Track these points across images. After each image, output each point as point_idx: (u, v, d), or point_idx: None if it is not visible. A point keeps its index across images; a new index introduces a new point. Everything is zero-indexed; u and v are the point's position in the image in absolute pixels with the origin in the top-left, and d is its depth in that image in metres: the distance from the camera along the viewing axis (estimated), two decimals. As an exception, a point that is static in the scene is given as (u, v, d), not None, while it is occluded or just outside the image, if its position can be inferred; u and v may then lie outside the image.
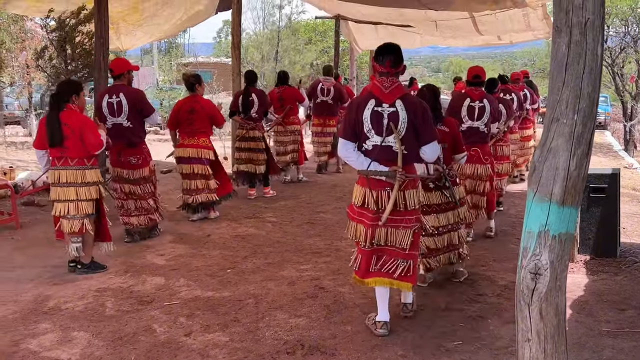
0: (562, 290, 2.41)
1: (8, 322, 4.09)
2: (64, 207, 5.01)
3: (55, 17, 8.73)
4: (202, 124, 6.75)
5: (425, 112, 3.80)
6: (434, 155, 3.93)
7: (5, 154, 11.32)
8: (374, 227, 3.82)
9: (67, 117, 4.92)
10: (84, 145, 4.97)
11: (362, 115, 3.81)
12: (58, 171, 5.02)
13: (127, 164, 5.95)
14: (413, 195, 3.85)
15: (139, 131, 6.01)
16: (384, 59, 3.78)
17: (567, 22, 2.27)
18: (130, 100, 5.87)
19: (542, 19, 11.37)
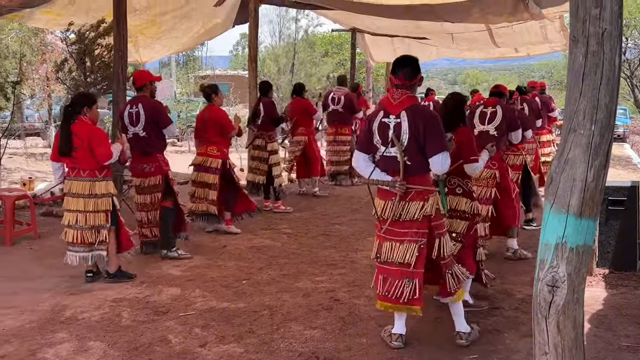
0: (580, 303, 2.38)
1: (25, 331, 4.12)
2: (72, 217, 5.07)
3: (75, 30, 8.85)
4: (212, 132, 6.78)
5: (431, 124, 3.75)
6: (444, 167, 3.81)
7: (25, 164, 11.45)
8: (381, 239, 3.87)
9: (78, 129, 5.00)
10: (93, 156, 5.03)
11: (373, 127, 3.86)
12: (70, 182, 5.12)
13: (141, 172, 6.00)
14: (417, 207, 3.76)
15: (154, 142, 6.02)
16: (399, 71, 3.81)
17: (584, 32, 2.26)
18: (147, 111, 5.93)
19: (559, 31, 11.32)
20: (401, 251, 3.77)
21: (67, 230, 5.11)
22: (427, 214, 3.78)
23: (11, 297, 4.76)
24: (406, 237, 3.77)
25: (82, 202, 5.06)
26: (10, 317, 4.35)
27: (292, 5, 10.89)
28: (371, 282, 4.58)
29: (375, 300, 4.47)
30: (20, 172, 10.15)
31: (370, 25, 12.74)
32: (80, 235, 5.06)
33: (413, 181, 3.77)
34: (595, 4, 2.22)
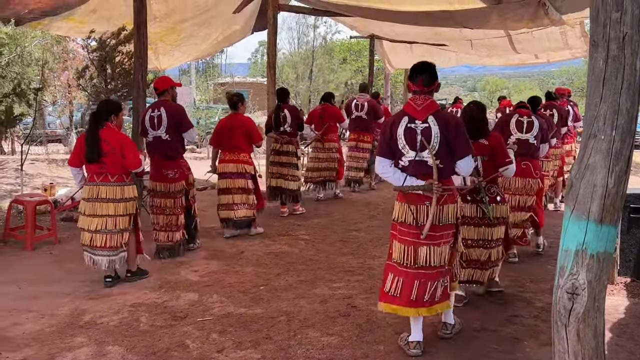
0: (600, 311, 2.35)
1: (45, 335, 4.16)
2: (101, 222, 5.12)
3: (96, 38, 8.95)
4: (241, 140, 6.91)
5: (458, 127, 3.84)
6: (468, 169, 3.96)
7: (46, 170, 11.59)
8: (416, 244, 3.83)
9: (107, 135, 5.08)
10: (123, 162, 5.13)
11: (397, 133, 3.88)
12: (97, 187, 5.14)
13: (165, 178, 6.05)
14: (451, 210, 3.88)
15: (177, 145, 6.13)
16: (417, 77, 3.87)
17: (604, 36, 2.24)
18: (170, 114, 6.02)
19: (580, 37, 11.21)
20: (438, 254, 3.84)
21: (92, 235, 5.14)
22: (458, 215, 3.95)
23: (31, 301, 4.81)
24: (442, 240, 3.86)
25: (112, 206, 5.13)
26: (31, 321, 4.39)
27: (311, 12, 10.92)
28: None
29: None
30: (41, 178, 10.27)
31: (388, 32, 12.74)
32: (108, 239, 5.14)
33: (446, 183, 3.86)
34: (616, 8, 2.20)
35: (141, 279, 5.45)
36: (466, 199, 4.65)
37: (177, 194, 6.14)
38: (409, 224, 3.86)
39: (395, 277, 3.92)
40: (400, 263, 3.89)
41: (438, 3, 8.02)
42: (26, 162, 9.45)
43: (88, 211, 5.17)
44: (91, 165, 5.15)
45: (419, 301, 3.83)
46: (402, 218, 3.91)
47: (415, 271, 3.84)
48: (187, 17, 9.51)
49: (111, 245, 5.16)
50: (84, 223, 5.20)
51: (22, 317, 4.46)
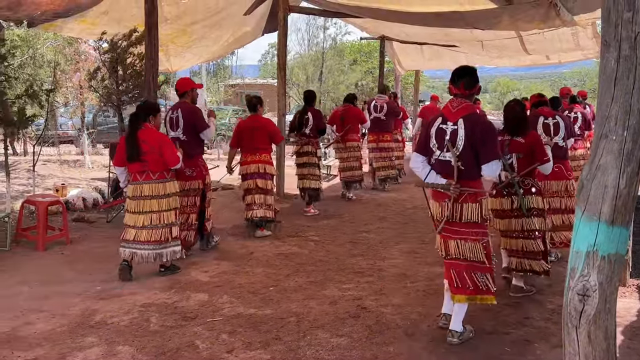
0: (611, 313, 2.33)
1: (56, 335, 4.18)
2: (147, 218, 5.40)
3: (107, 40, 9.00)
4: (262, 141, 7.13)
5: (486, 132, 3.95)
6: (493, 174, 4.08)
7: (58, 171, 11.67)
8: (445, 237, 4.11)
9: (145, 135, 5.36)
10: (163, 160, 5.38)
11: (431, 132, 4.11)
12: (140, 185, 5.42)
13: (182, 175, 6.06)
14: (472, 208, 3.98)
15: (194, 145, 6.28)
16: (458, 80, 4.04)
17: (616, 36, 2.22)
18: (186, 115, 6.21)
19: (591, 38, 11.15)
20: (468, 249, 4.02)
21: (137, 231, 5.39)
22: (484, 216, 4.07)
23: (43, 301, 4.84)
24: (469, 237, 4.02)
25: (155, 203, 5.41)
26: (42, 321, 4.42)
27: (321, 13, 10.93)
28: (398, 290, 4.88)
29: (404, 309, 4.52)
30: (53, 179, 10.34)
31: (399, 33, 12.72)
32: (153, 233, 5.40)
33: (466, 184, 3.97)
34: (628, 8, 2.18)
35: (173, 274, 5.64)
36: (502, 193, 4.97)
37: (192, 192, 6.23)
38: (434, 219, 4.18)
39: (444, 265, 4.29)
40: (439, 253, 4.24)
41: (448, 4, 8.00)
42: (38, 163, 9.52)
43: (134, 209, 5.43)
44: (133, 165, 5.41)
45: (462, 289, 4.07)
46: (431, 212, 4.22)
47: (449, 261, 4.14)
48: (198, 19, 9.54)
49: (156, 239, 5.41)
50: (129, 220, 5.46)
51: (33, 317, 4.49)
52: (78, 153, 15.56)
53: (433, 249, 6.51)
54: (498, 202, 5.02)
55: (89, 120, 17.34)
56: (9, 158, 7.60)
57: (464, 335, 4.12)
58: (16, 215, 6.93)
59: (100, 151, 16.25)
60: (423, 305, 4.82)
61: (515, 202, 4.93)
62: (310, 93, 8.77)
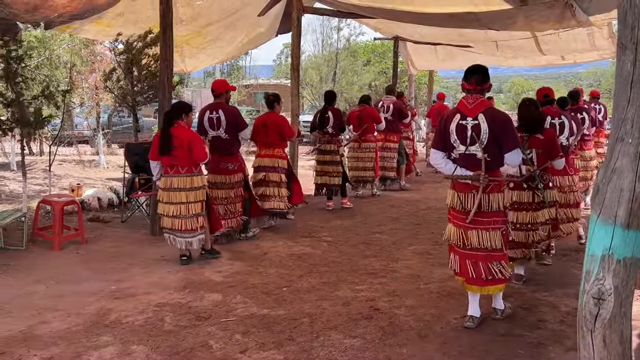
0: (627, 317, 2.31)
1: (71, 333, 4.22)
2: (176, 209, 5.87)
3: (123, 41, 9.07)
4: (274, 136, 7.46)
5: (506, 124, 4.23)
6: (516, 162, 4.32)
7: (74, 171, 11.77)
8: (465, 228, 4.28)
9: (178, 132, 5.80)
10: (191, 156, 5.81)
11: (450, 128, 4.32)
12: (170, 178, 5.89)
13: (225, 170, 6.74)
14: (497, 198, 4.26)
15: (235, 142, 6.85)
16: (470, 77, 4.29)
17: (632, 38, 2.21)
18: (228, 116, 6.71)
19: (607, 38, 11.05)
20: (488, 238, 4.24)
21: (172, 220, 5.88)
22: (505, 204, 4.35)
23: (58, 300, 4.89)
24: (490, 225, 4.25)
25: (183, 195, 5.86)
26: (57, 320, 4.47)
27: (335, 14, 10.93)
28: (411, 292, 4.85)
29: (417, 310, 4.51)
30: (69, 179, 10.43)
31: (413, 34, 12.69)
32: (184, 223, 5.87)
33: (492, 175, 4.23)
34: (645, 10, 2.16)
35: (213, 257, 6.18)
36: (522, 187, 5.12)
37: (236, 184, 6.82)
38: (458, 210, 4.32)
39: (454, 255, 4.45)
40: (454, 244, 4.39)
41: (463, 4, 7.97)
42: (54, 163, 9.61)
43: (165, 199, 5.93)
44: (164, 158, 5.88)
45: (477, 279, 4.29)
46: (453, 204, 4.37)
47: (466, 252, 4.31)
48: (212, 21, 9.58)
49: (186, 228, 5.88)
50: (162, 209, 5.96)
51: (49, 316, 4.54)
52: (93, 153, 15.67)
53: (446, 251, 6.51)
54: (517, 195, 5.16)
55: (104, 121, 17.45)
56: (25, 158, 7.67)
57: (505, 312, 4.51)
58: (32, 214, 7.00)
59: (115, 151, 16.36)
60: (436, 306, 4.81)
61: (534, 196, 5.14)
62: (330, 93, 9.10)
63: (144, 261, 6.12)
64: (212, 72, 29.99)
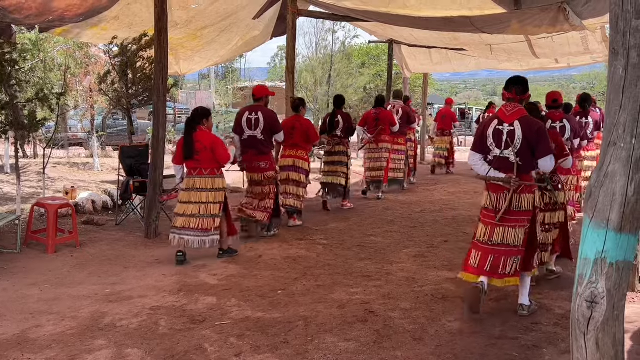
0: (620, 320, 2.33)
1: (66, 337, 4.22)
2: (195, 208, 6.14)
3: (118, 44, 9.06)
4: (300, 139, 7.96)
5: (540, 131, 4.52)
6: (548, 167, 4.62)
7: (68, 174, 11.74)
8: (493, 225, 4.62)
9: (200, 136, 6.13)
10: (214, 158, 6.14)
11: (487, 132, 4.68)
12: (193, 179, 6.20)
13: (258, 168, 7.24)
14: (528, 198, 4.59)
15: (269, 143, 7.36)
16: (511, 87, 4.65)
17: (624, 44, 2.23)
18: (267, 119, 7.23)
19: (601, 42, 11.11)
20: (513, 235, 4.57)
21: (186, 219, 6.13)
22: (536, 205, 4.68)
23: (53, 304, 4.89)
24: (517, 224, 4.58)
25: (204, 195, 6.16)
26: (52, 323, 4.46)
27: (330, 17, 10.96)
28: (406, 294, 5.01)
29: (412, 313, 4.52)
30: (63, 181, 10.40)
31: (408, 37, 12.73)
32: (200, 222, 6.12)
33: (524, 178, 4.57)
34: (636, 16, 2.19)
35: (230, 256, 6.39)
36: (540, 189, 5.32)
37: (268, 181, 7.28)
38: (490, 209, 4.67)
39: (477, 252, 4.70)
40: (480, 240, 4.69)
41: (457, 9, 8.00)
42: (48, 166, 9.58)
43: (184, 199, 6.20)
44: (188, 162, 6.20)
45: (493, 272, 4.58)
46: (486, 204, 4.71)
47: (490, 247, 4.62)
48: (207, 24, 9.59)
49: (202, 227, 6.12)
50: (179, 209, 6.21)
51: (43, 319, 4.53)
52: (87, 156, 15.65)
53: (441, 253, 6.55)
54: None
55: (99, 123, 17.42)
56: (19, 161, 7.65)
57: (532, 309, 4.74)
58: (26, 217, 6.98)
59: (110, 154, 16.34)
60: (431, 309, 4.82)
61: (545, 198, 5.39)
62: (339, 97, 9.53)
63: (138, 264, 6.12)
64: (206, 74, 30.01)
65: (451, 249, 6.84)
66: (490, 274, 4.58)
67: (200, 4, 8.70)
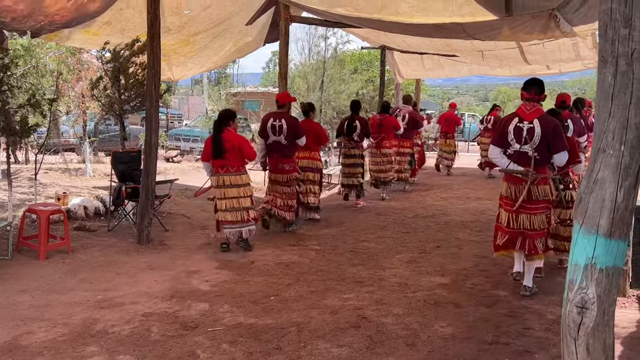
0: (610, 326, 2.35)
1: (58, 344, 4.20)
2: (229, 202, 6.72)
3: (110, 49, 9.05)
4: (312, 141, 8.39)
5: (556, 129, 5.05)
6: (563, 161, 5.16)
7: (60, 180, 11.68)
8: (514, 212, 5.19)
9: (228, 136, 6.64)
10: (242, 156, 6.71)
11: (508, 129, 5.18)
12: (222, 177, 6.71)
13: (282, 170, 7.72)
14: (545, 189, 5.16)
15: (291, 147, 7.81)
16: (530, 88, 5.17)
17: (612, 52, 2.25)
18: (290, 125, 7.70)
19: (591, 48, 11.18)
20: (536, 221, 5.16)
21: (225, 213, 6.71)
22: (551, 194, 5.23)
23: (44, 310, 4.86)
24: (538, 211, 5.17)
25: (235, 190, 6.72)
26: (43, 330, 4.44)
27: (322, 23, 10.98)
28: (399, 300, 5.05)
29: (404, 318, 4.52)
30: (55, 187, 10.35)
31: (400, 43, 12.77)
32: (236, 215, 6.71)
33: (540, 171, 5.10)
34: (625, 24, 2.21)
35: (246, 248, 6.91)
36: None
37: (292, 182, 7.79)
38: (509, 197, 5.22)
39: (502, 234, 5.35)
40: (505, 225, 5.28)
41: (449, 16, 8.03)
42: (40, 172, 9.54)
43: (219, 195, 6.75)
44: (216, 160, 6.68)
45: (521, 248, 5.27)
46: (506, 193, 5.27)
47: (518, 231, 5.23)
48: (200, 30, 9.59)
49: (237, 219, 6.72)
50: (220, 205, 6.76)
51: (34, 326, 4.51)
52: (80, 161, 15.57)
53: (434, 259, 6.57)
54: None
55: (91, 129, 17.36)
56: (11, 166, 7.62)
57: (533, 290, 5.33)
58: (18, 224, 6.95)
59: (102, 159, 16.26)
60: (424, 315, 4.83)
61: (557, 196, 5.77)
62: (356, 102, 9.97)
63: (130, 270, 6.10)
64: (199, 80, 29.99)
65: (443, 254, 6.86)
66: (522, 249, 5.28)
67: (193, 10, 8.71)
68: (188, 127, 24.71)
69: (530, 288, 5.35)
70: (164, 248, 7.02)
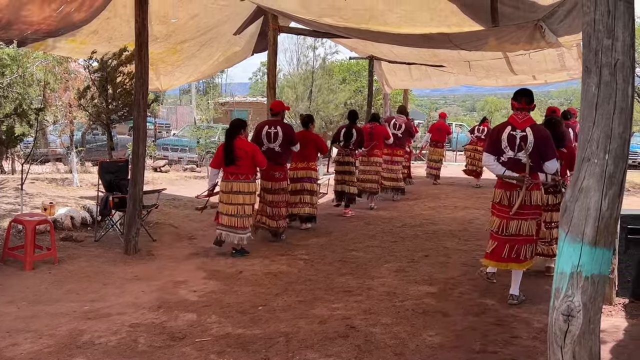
0: (595, 334, 2.36)
1: (43, 355, 4.15)
2: (234, 208, 6.89)
3: (97, 59, 9.02)
4: (310, 151, 8.60)
5: (546, 138, 5.24)
6: (553, 169, 5.33)
7: (47, 190, 11.60)
8: (507, 219, 5.28)
9: (240, 144, 6.90)
10: (253, 164, 6.96)
11: (501, 136, 5.33)
12: (231, 183, 6.92)
13: (272, 177, 7.81)
14: (537, 195, 5.31)
15: (285, 155, 7.95)
16: (520, 98, 5.36)
17: (596, 62, 2.29)
18: (285, 132, 7.86)
19: (577, 59, 11.30)
20: (526, 227, 5.28)
21: (229, 218, 6.90)
22: (543, 200, 5.44)
23: (30, 321, 4.81)
24: (529, 217, 5.29)
25: (241, 197, 6.91)
26: (29, 341, 4.39)
27: (311, 34, 11.03)
28: (387, 309, 4.84)
29: (392, 328, 4.52)
30: (41, 197, 10.27)
31: (387, 53, 12.85)
32: (239, 221, 6.89)
33: (534, 177, 5.27)
34: (608, 35, 2.25)
35: (243, 256, 7.00)
36: (549, 191, 5.93)
37: (282, 190, 7.92)
38: (503, 204, 5.33)
39: (492, 241, 5.41)
40: (495, 232, 5.36)
41: (436, 26, 8.10)
42: (26, 182, 9.47)
43: (225, 200, 6.94)
44: (228, 167, 6.91)
45: (509, 258, 5.31)
46: (498, 199, 5.38)
47: (506, 238, 5.30)
48: (187, 38, 9.59)
49: (239, 226, 6.91)
50: (222, 209, 6.97)
51: (20, 337, 4.46)
52: (66, 171, 15.48)
53: (422, 268, 6.59)
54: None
55: (78, 139, 17.28)
56: (-3, 177, 7.56)
57: (520, 299, 5.39)
58: (3, 234, 6.89)
59: (89, 169, 16.18)
60: (412, 324, 4.83)
61: (556, 198, 5.99)
62: (353, 112, 10.22)
63: (117, 281, 6.05)
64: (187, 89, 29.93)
65: (432, 263, 6.87)
66: (508, 260, 5.30)
67: (180, 19, 8.71)
68: (176, 136, 24.65)
69: (518, 296, 5.41)
70: (152, 258, 6.98)
